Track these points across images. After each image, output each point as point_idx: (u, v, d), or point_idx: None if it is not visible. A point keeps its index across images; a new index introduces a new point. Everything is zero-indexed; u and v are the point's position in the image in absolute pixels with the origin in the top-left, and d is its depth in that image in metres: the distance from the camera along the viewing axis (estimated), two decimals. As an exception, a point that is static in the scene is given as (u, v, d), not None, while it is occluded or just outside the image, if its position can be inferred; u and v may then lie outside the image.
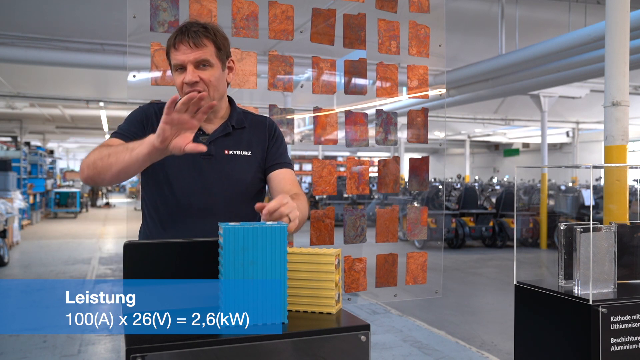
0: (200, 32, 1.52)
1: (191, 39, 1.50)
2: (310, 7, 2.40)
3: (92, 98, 12.50)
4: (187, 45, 1.51)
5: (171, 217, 1.61)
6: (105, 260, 8.37)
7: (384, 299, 5.33)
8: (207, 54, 1.52)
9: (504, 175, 22.48)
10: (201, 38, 1.51)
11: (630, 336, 1.75)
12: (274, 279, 1.16)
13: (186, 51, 1.51)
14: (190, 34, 1.51)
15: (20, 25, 7.29)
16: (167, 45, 1.56)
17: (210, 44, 1.53)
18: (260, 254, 1.15)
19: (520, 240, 10.54)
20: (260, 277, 1.15)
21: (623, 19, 3.43)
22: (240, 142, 1.66)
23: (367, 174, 2.60)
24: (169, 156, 1.51)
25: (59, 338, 4.35)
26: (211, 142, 1.62)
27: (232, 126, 1.65)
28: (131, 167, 1.38)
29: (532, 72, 8.20)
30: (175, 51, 1.52)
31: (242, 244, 1.14)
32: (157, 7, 2.13)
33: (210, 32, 1.54)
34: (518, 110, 14.83)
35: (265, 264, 1.16)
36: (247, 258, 1.15)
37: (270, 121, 1.76)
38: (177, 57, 1.52)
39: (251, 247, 1.15)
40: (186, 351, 1.09)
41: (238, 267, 1.14)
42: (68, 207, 16.48)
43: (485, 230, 10.27)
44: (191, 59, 1.51)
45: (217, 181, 1.60)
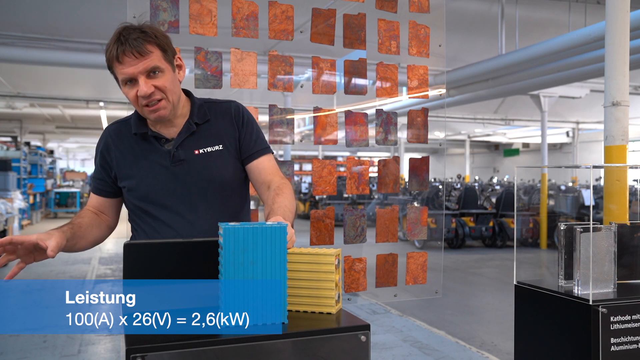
0: (141, 38, 1.41)
1: (134, 48, 1.39)
2: (310, 7, 2.40)
3: (92, 98, 12.50)
4: (131, 56, 1.40)
5: (162, 229, 1.56)
6: (105, 260, 8.37)
7: (384, 299, 5.33)
8: (155, 61, 1.43)
9: (504, 175, 22.47)
10: (144, 45, 1.41)
11: (630, 336, 1.75)
12: (274, 279, 1.16)
13: (132, 62, 1.41)
14: (130, 42, 1.40)
15: (20, 25, 7.29)
16: (108, 59, 1.44)
17: (155, 48, 1.43)
18: (260, 254, 1.15)
19: (520, 240, 10.54)
20: (261, 277, 1.15)
21: (623, 19, 3.43)
22: (208, 138, 1.57)
23: (367, 174, 2.60)
24: (138, 177, 1.54)
25: (59, 338, 4.35)
26: (178, 146, 1.54)
27: (195, 123, 1.57)
28: None
29: (532, 72, 8.20)
30: (120, 65, 1.41)
31: (242, 244, 1.14)
32: (157, 7, 2.13)
33: (151, 36, 1.43)
34: (518, 110, 14.83)
35: (266, 264, 1.15)
36: (247, 258, 1.14)
37: (235, 105, 1.65)
38: (124, 71, 1.42)
39: (251, 247, 1.15)
40: (186, 351, 1.09)
41: (238, 267, 1.14)
42: (68, 207, 16.48)
43: (485, 230, 10.27)
44: (140, 69, 1.41)
45: (195, 185, 1.54)
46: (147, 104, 1.47)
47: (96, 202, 1.63)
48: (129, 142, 1.58)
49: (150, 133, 1.57)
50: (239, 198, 1.65)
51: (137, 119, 1.58)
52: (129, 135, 1.59)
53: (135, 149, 1.58)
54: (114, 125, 1.64)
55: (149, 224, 1.57)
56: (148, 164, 1.56)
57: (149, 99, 1.45)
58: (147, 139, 1.57)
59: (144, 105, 1.47)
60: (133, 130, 1.57)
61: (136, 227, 1.62)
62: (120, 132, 1.60)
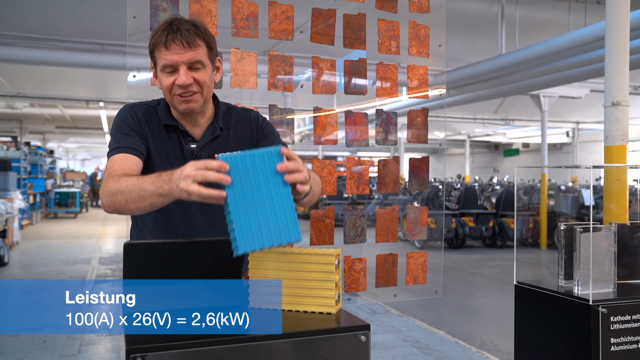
0: (192, 30, 1.45)
1: (184, 38, 1.43)
2: (310, 7, 2.40)
3: (92, 98, 12.50)
4: (180, 45, 1.43)
5: (172, 229, 1.57)
6: (105, 260, 8.37)
7: (384, 299, 5.33)
8: (200, 55, 1.46)
9: (504, 175, 22.47)
10: (194, 38, 1.44)
11: (630, 336, 1.75)
12: (280, 199, 1.16)
13: (179, 51, 1.44)
14: (182, 32, 1.43)
15: (20, 25, 7.29)
16: (154, 43, 1.47)
17: (203, 43, 1.47)
18: (261, 177, 1.16)
19: (520, 240, 10.54)
20: (266, 199, 1.16)
21: (623, 19, 3.43)
22: (228, 143, 1.61)
23: (367, 174, 2.60)
24: (155, 165, 1.50)
25: (59, 338, 4.35)
26: (201, 148, 1.57)
27: (219, 128, 1.60)
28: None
29: (532, 72, 8.20)
30: (166, 50, 1.44)
31: (241, 169, 1.14)
32: (157, 7, 2.13)
33: (202, 31, 1.47)
34: (518, 110, 14.83)
35: (269, 186, 1.16)
36: (249, 182, 1.15)
37: (254, 113, 1.69)
38: (169, 57, 1.44)
39: (251, 171, 1.15)
40: (186, 351, 1.09)
41: (243, 193, 1.14)
42: (68, 207, 16.47)
43: (485, 230, 10.27)
44: (185, 59, 1.44)
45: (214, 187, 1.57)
46: (182, 94, 1.48)
47: (136, 167, 1.48)
48: (157, 129, 1.58)
49: (181, 127, 1.57)
50: None
51: (166, 109, 1.58)
52: (157, 122, 1.58)
53: (164, 138, 1.57)
54: (142, 107, 1.60)
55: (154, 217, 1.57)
56: (168, 156, 1.56)
57: (185, 89, 1.47)
58: (174, 131, 1.58)
59: (178, 95, 1.49)
60: (163, 121, 1.57)
61: (139, 221, 1.62)
62: (149, 116, 1.58)
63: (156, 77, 1.52)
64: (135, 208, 1.32)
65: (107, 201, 1.36)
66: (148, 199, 1.28)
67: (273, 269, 1.32)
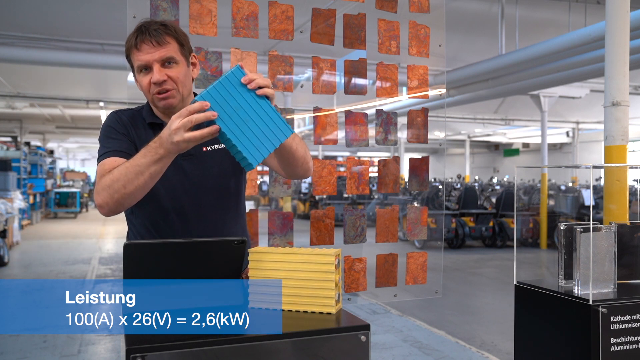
0: (161, 30, 1.49)
1: (153, 37, 1.48)
2: (310, 7, 2.40)
3: (92, 98, 12.50)
4: (149, 45, 1.48)
5: (164, 221, 1.58)
6: (105, 260, 8.37)
7: (384, 299, 5.33)
8: (171, 51, 1.50)
9: (504, 175, 22.46)
10: (163, 36, 1.49)
11: (630, 336, 1.75)
12: (261, 108, 1.28)
13: (150, 50, 1.48)
14: (151, 32, 1.48)
15: (20, 25, 7.29)
16: (127, 47, 1.52)
17: (173, 40, 1.51)
18: (238, 98, 1.27)
19: (520, 240, 10.54)
20: (251, 114, 1.27)
21: (623, 19, 3.43)
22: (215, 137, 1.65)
23: (367, 174, 2.60)
24: None
25: (59, 338, 4.35)
26: None
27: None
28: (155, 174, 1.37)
29: (532, 72, 8.20)
30: (138, 52, 1.49)
31: (219, 99, 1.25)
32: (157, 7, 2.13)
33: (171, 30, 1.52)
34: (518, 110, 14.83)
35: (247, 103, 1.27)
36: (230, 107, 1.26)
37: None
38: (141, 58, 1.49)
39: (227, 97, 1.26)
40: (186, 351, 1.09)
41: (231, 116, 1.26)
42: (68, 207, 16.48)
43: (485, 230, 10.27)
44: (156, 57, 1.49)
45: (203, 179, 1.59)
46: (159, 91, 1.51)
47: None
48: (143, 129, 1.61)
49: (165, 124, 1.57)
50: (238, 197, 1.69)
51: (149, 110, 1.63)
52: (143, 123, 1.62)
53: (150, 136, 1.57)
54: (127, 112, 1.64)
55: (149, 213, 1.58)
56: None
57: (160, 86, 1.50)
58: (159, 129, 1.58)
59: (155, 93, 1.52)
60: (147, 120, 1.61)
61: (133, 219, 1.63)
62: (134, 120, 1.63)
63: (137, 81, 1.56)
64: (136, 188, 1.35)
65: (105, 197, 1.38)
66: (146, 171, 1.34)
67: (273, 269, 1.32)
